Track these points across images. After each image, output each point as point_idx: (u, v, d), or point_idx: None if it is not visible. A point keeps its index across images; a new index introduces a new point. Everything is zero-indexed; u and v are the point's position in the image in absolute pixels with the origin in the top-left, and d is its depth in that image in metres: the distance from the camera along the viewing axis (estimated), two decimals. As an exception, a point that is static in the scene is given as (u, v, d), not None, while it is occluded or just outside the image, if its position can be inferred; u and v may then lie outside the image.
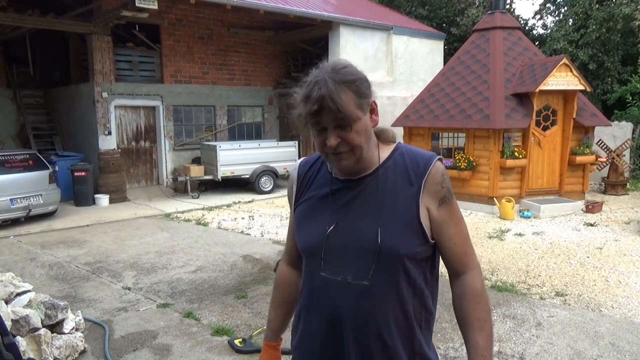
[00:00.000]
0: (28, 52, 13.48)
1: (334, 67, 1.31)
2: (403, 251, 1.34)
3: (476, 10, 17.22)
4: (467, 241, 1.44)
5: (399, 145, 1.48)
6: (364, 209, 1.39)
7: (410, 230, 1.36)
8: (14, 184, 8.38)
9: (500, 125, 8.64)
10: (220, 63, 13.35)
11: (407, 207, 1.36)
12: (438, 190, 1.38)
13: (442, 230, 1.39)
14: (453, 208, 1.42)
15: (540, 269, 5.83)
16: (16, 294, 3.71)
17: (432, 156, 1.41)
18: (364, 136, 1.34)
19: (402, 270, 1.36)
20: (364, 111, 1.34)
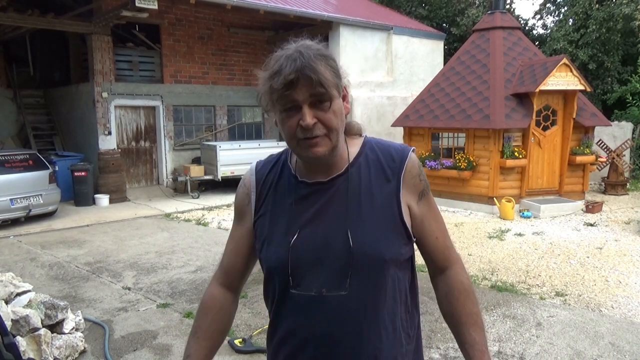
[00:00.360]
0: (28, 52, 13.48)
1: (305, 43, 1.16)
2: (388, 256, 1.21)
3: (476, 10, 17.22)
4: (447, 234, 1.36)
5: (367, 139, 1.33)
6: (336, 214, 1.22)
7: (393, 231, 1.23)
8: (14, 184, 8.38)
9: (500, 125, 8.64)
10: (220, 63, 13.35)
11: (387, 207, 1.23)
12: (417, 184, 1.28)
13: (424, 226, 1.29)
14: (431, 201, 1.33)
15: (540, 269, 5.83)
16: (16, 294, 3.71)
17: (406, 148, 1.30)
18: (340, 120, 1.19)
19: (388, 276, 1.22)
20: (339, 93, 1.18)
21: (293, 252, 1.21)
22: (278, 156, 1.37)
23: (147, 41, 12.29)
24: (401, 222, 1.24)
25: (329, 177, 1.25)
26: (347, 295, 1.19)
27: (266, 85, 1.15)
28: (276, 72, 1.12)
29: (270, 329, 1.34)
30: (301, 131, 1.14)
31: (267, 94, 1.16)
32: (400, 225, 1.24)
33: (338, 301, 1.19)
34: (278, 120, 1.20)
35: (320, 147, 1.16)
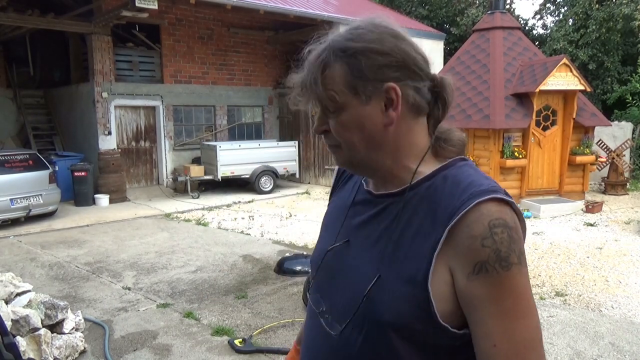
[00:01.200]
0: (28, 52, 13.47)
1: (350, 28, 0.97)
2: (388, 317, 0.90)
3: (476, 10, 17.23)
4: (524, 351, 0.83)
5: (455, 163, 0.96)
6: (371, 238, 0.98)
7: (408, 295, 0.88)
8: (14, 184, 8.38)
9: (500, 125, 8.64)
10: (220, 63, 13.34)
11: (417, 261, 0.89)
12: (474, 249, 0.84)
13: (474, 315, 0.85)
14: (504, 286, 0.83)
15: (540, 269, 5.83)
16: (16, 294, 3.71)
17: (483, 192, 0.86)
18: (359, 135, 0.94)
19: (390, 346, 0.91)
20: (360, 98, 0.92)
21: (326, 258, 1.07)
22: None
23: (147, 41, 12.28)
24: (423, 288, 0.87)
25: (379, 192, 1.01)
26: (336, 339, 0.98)
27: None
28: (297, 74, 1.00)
29: None
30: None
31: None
32: (422, 291, 0.87)
33: (330, 338, 1.00)
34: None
35: (337, 157, 1.00)
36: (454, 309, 0.87)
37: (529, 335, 0.83)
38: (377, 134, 0.94)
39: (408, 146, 0.96)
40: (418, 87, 0.93)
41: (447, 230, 0.86)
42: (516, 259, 0.84)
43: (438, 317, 0.86)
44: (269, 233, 7.91)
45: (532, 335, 0.84)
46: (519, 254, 0.85)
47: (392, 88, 0.91)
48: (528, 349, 0.83)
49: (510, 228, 0.85)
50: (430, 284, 0.86)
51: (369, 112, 0.93)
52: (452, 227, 0.86)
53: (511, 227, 0.85)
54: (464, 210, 0.85)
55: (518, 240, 0.85)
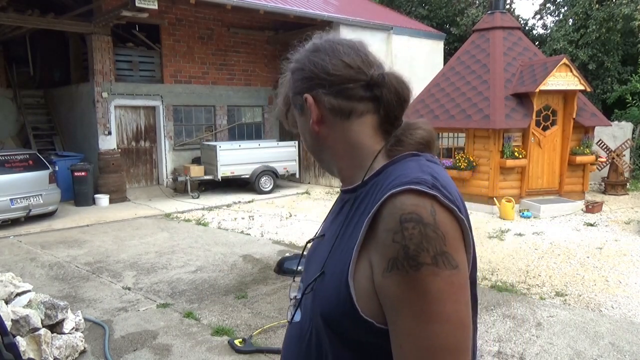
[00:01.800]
0: (28, 52, 13.48)
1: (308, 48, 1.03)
2: (321, 311, 0.90)
3: (476, 10, 17.23)
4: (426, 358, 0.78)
5: (402, 158, 0.94)
6: (332, 234, 0.98)
7: (337, 288, 0.87)
8: (14, 184, 8.38)
9: (500, 125, 8.64)
10: (220, 63, 13.35)
11: (346, 256, 0.88)
12: (387, 244, 0.80)
13: (386, 313, 0.82)
14: (415, 287, 0.78)
15: (540, 269, 5.83)
16: (16, 294, 3.71)
17: (400, 184, 0.83)
18: (306, 141, 1.05)
19: (329, 340, 0.91)
20: (296, 110, 1.02)
21: (307, 248, 1.15)
22: None
23: (147, 41, 12.29)
24: (346, 284, 0.85)
25: (344, 187, 1.02)
26: (294, 326, 1.02)
27: None
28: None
29: None
30: None
31: None
32: (345, 287, 0.85)
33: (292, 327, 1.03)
34: None
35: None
36: (377, 304, 0.83)
37: (437, 343, 0.78)
38: (315, 140, 1.01)
39: (352, 148, 0.97)
40: (340, 91, 0.94)
41: (365, 222, 0.85)
42: (429, 259, 0.77)
43: (360, 311, 0.83)
44: (269, 233, 7.91)
45: (442, 344, 0.78)
46: (436, 254, 0.78)
47: (305, 98, 0.97)
48: (432, 358, 0.78)
49: (426, 225, 0.78)
50: (351, 277, 0.85)
51: (304, 121, 1.01)
52: (371, 220, 0.84)
53: (427, 223, 0.79)
54: (379, 202, 0.83)
55: (436, 238, 0.78)
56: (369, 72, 0.94)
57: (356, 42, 1.00)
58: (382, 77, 0.94)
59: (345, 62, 0.95)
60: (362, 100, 0.95)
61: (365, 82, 0.94)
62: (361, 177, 0.95)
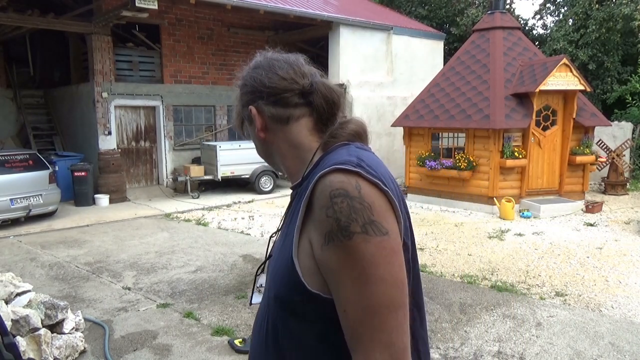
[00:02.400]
0: (28, 52, 13.47)
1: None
2: (273, 292, 1.01)
3: (476, 10, 17.22)
4: (368, 317, 0.88)
5: (335, 148, 1.04)
6: (284, 226, 1.10)
7: (285, 270, 0.97)
8: (14, 184, 8.38)
9: (500, 125, 8.64)
10: (220, 63, 13.35)
11: (290, 239, 0.99)
12: (321, 220, 0.90)
13: (329, 283, 0.92)
14: (351, 254, 0.87)
15: (540, 269, 5.83)
16: (16, 294, 3.71)
17: (330, 165, 0.94)
18: (257, 147, 1.19)
19: (278, 315, 1.01)
20: (246, 120, 1.16)
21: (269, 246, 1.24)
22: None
23: (147, 41, 12.28)
24: (292, 262, 0.95)
25: (292, 184, 1.14)
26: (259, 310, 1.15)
27: None
28: None
29: None
30: None
31: None
32: (291, 266, 0.95)
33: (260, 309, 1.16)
34: None
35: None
36: (321, 278, 0.93)
37: (375, 302, 0.87)
38: (263, 145, 1.15)
39: (294, 148, 1.09)
40: (277, 100, 1.08)
41: (302, 205, 0.95)
42: (359, 228, 0.87)
43: (306, 285, 0.93)
44: (269, 233, 7.90)
45: (379, 302, 0.87)
46: (365, 223, 0.88)
47: (249, 110, 1.11)
48: (372, 315, 0.87)
49: (352, 198, 0.89)
50: (295, 256, 0.95)
51: (252, 130, 1.14)
52: (307, 201, 0.95)
53: (352, 196, 0.89)
54: (312, 184, 0.94)
55: (363, 209, 0.88)
56: (300, 82, 1.08)
57: (291, 56, 1.13)
58: (311, 85, 1.07)
59: (279, 75, 1.08)
60: (297, 106, 1.08)
61: (298, 91, 1.08)
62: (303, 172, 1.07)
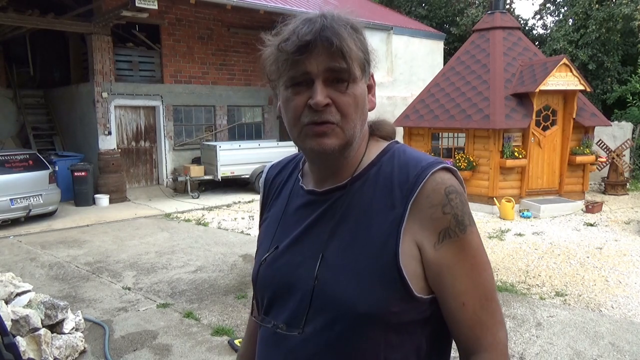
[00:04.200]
0: (28, 52, 13.48)
1: (331, 11, 0.93)
2: (363, 308, 0.88)
3: (476, 10, 17.22)
4: (486, 302, 0.91)
5: (392, 145, 0.99)
6: (320, 236, 0.95)
7: (380, 278, 0.88)
8: (14, 184, 8.38)
9: (500, 125, 8.64)
10: (220, 63, 13.35)
11: (381, 243, 0.89)
12: (437, 218, 0.88)
13: (443, 281, 0.89)
14: (465, 247, 0.89)
15: (540, 269, 5.83)
16: (16, 294, 3.71)
17: (432, 164, 0.91)
18: (360, 110, 0.92)
19: (368, 337, 0.90)
20: (365, 78, 0.94)
21: (263, 272, 1.02)
22: (294, 155, 1.14)
23: (147, 41, 12.29)
24: (396, 268, 0.87)
25: (324, 188, 0.98)
26: (301, 338, 0.93)
27: (274, 50, 0.92)
28: (290, 33, 0.90)
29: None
30: (309, 113, 0.90)
31: (274, 62, 0.93)
32: (394, 271, 0.87)
33: (293, 344, 0.94)
34: (282, 101, 0.94)
35: (330, 139, 0.90)
36: (423, 281, 0.90)
37: (488, 286, 0.92)
38: (365, 115, 0.96)
39: (364, 128, 0.98)
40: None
41: (409, 205, 0.89)
42: (468, 221, 0.91)
43: (414, 291, 0.88)
44: (269, 233, 7.90)
45: (490, 285, 0.93)
46: (469, 215, 0.92)
47: (372, 75, 0.97)
48: (489, 300, 0.92)
49: (460, 193, 0.91)
50: (401, 261, 0.88)
51: (364, 90, 0.94)
52: (413, 201, 0.89)
53: (460, 192, 0.91)
54: (422, 182, 0.89)
55: (466, 203, 0.92)
56: None
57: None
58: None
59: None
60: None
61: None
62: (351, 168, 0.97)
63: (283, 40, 0.90)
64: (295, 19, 0.93)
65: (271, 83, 0.97)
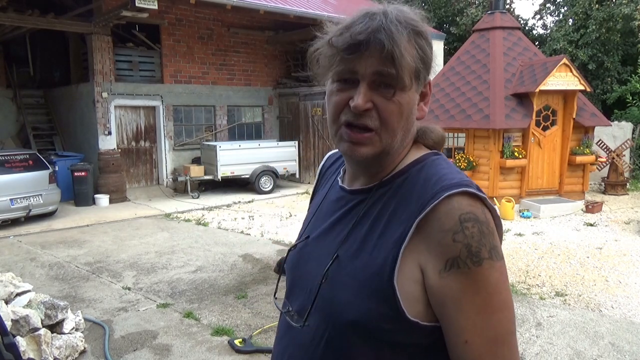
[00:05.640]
0: (28, 52, 13.48)
1: (400, 7, 0.89)
2: (352, 316, 0.86)
3: (475, 10, 17.23)
4: (495, 347, 0.82)
5: (428, 156, 0.95)
6: (339, 236, 0.95)
7: (372, 292, 0.85)
8: (14, 184, 8.37)
9: (500, 125, 8.64)
10: (220, 63, 13.35)
11: (383, 257, 0.86)
12: (445, 244, 0.82)
13: (446, 312, 0.83)
14: (477, 281, 0.81)
15: (540, 269, 5.83)
16: (16, 294, 3.71)
17: (453, 185, 0.84)
18: (404, 122, 0.89)
19: (355, 345, 0.88)
20: (418, 86, 0.90)
21: (291, 258, 1.05)
22: None
23: (147, 41, 12.28)
24: (389, 285, 0.84)
25: (353, 187, 0.98)
26: (303, 332, 0.94)
27: (325, 43, 0.88)
28: (346, 26, 0.87)
29: None
30: (348, 112, 0.87)
31: (324, 56, 0.89)
32: (389, 288, 0.84)
33: (299, 335, 0.95)
34: (327, 94, 0.93)
35: (365, 148, 0.88)
36: (423, 306, 0.84)
37: (501, 330, 0.82)
38: (410, 125, 0.91)
39: (409, 137, 0.95)
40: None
41: (415, 223, 0.84)
42: (487, 254, 0.82)
43: (406, 313, 0.83)
44: (269, 233, 7.91)
45: (505, 329, 0.83)
46: (490, 249, 0.82)
47: (429, 83, 0.93)
48: (499, 344, 0.82)
49: (481, 222, 0.83)
50: (396, 279, 0.83)
51: (413, 100, 0.90)
52: (421, 220, 0.84)
53: (482, 221, 0.83)
54: (434, 202, 0.83)
55: (489, 234, 0.83)
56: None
57: None
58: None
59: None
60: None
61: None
62: (385, 173, 0.94)
63: (337, 35, 0.86)
64: (357, 12, 0.89)
65: (318, 79, 0.94)
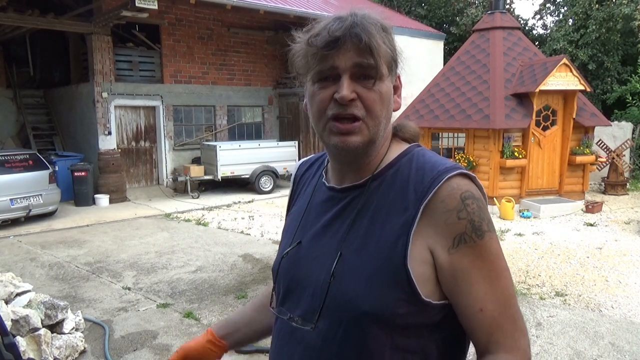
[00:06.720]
0: (28, 52, 13.49)
1: (363, 10, 0.94)
2: (366, 307, 0.89)
3: (475, 10, 17.22)
4: (505, 309, 0.90)
5: (413, 148, 1.01)
6: (337, 234, 0.97)
7: (385, 279, 0.89)
8: (14, 184, 8.38)
9: (500, 125, 8.64)
10: (220, 63, 13.35)
11: (391, 244, 0.90)
12: (451, 223, 0.88)
13: (458, 286, 0.89)
14: (482, 253, 0.89)
15: (540, 269, 5.83)
16: (16, 294, 3.71)
17: (449, 169, 0.91)
18: (385, 108, 0.94)
19: (372, 336, 0.90)
20: (392, 77, 0.96)
21: (284, 265, 1.05)
22: (322, 154, 1.16)
23: (147, 41, 12.29)
24: (403, 270, 0.88)
25: (344, 185, 1.01)
26: (314, 334, 0.95)
27: (304, 44, 0.93)
28: (321, 29, 0.91)
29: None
30: (334, 106, 0.91)
31: (303, 56, 0.94)
32: (402, 272, 0.88)
33: (306, 337, 0.96)
34: (308, 96, 0.97)
35: (354, 136, 0.92)
36: (433, 285, 0.90)
37: (508, 293, 0.91)
38: (391, 115, 0.98)
39: (388, 128, 1.00)
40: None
41: (421, 208, 0.90)
42: (486, 227, 0.90)
43: (421, 295, 0.88)
44: (269, 233, 7.91)
45: (510, 292, 0.92)
46: (488, 222, 0.91)
47: (399, 77, 1.00)
48: (508, 306, 0.91)
49: (478, 199, 0.91)
50: (409, 263, 0.88)
51: (390, 88, 0.96)
52: (426, 204, 0.90)
53: (477, 197, 0.91)
54: (437, 186, 0.90)
55: (485, 209, 0.92)
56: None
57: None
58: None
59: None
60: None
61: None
62: (372, 168, 0.98)
63: (314, 36, 0.92)
64: (327, 17, 0.95)
65: (299, 78, 0.99)
